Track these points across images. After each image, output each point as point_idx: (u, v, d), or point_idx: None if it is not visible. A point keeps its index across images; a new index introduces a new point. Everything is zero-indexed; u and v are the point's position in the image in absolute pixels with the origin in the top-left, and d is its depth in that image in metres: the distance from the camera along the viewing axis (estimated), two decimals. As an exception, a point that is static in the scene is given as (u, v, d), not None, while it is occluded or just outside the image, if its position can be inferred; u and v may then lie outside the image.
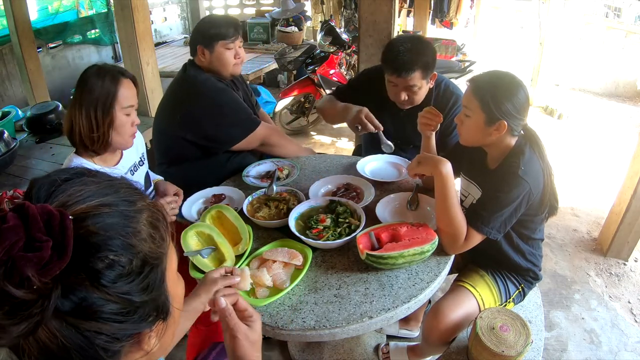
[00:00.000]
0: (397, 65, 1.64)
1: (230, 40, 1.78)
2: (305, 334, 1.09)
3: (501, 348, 1.21)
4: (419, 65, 1.64)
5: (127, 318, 0.46)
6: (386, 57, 1.69)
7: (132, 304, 0.46)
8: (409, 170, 1.40)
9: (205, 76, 1.81)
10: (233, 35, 1.79)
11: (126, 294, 0.45)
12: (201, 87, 1.79)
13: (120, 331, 0.46)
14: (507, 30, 6.94)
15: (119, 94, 1.28)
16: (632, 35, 5.24)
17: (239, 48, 1.85)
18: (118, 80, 1.29)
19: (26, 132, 2.99)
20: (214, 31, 1.77)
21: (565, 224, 2.86)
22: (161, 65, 4.40)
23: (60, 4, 5.33)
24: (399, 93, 1.72)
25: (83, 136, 1.28)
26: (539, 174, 1.26)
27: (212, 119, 1.78)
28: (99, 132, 1.28)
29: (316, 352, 1.83)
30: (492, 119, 1.23)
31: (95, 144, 1.30)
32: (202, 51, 1.80)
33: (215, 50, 1.78)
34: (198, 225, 1.30)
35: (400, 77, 1.66)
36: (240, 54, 1.85)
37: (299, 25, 5.12)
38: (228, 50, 1.80)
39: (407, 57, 1.62)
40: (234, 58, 1.82)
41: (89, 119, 1.26)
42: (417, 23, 5.65)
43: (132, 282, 0.46)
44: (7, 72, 4.52)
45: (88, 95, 1.26)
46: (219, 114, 1.79)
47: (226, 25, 1.78)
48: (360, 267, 1.26)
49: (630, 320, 2.12)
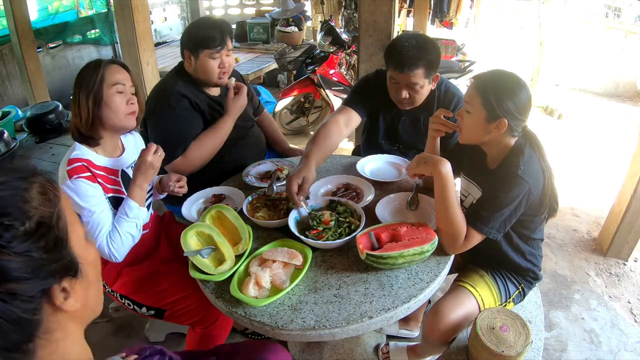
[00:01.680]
0: (400, 60, 1.61)
1: (215, 50, 1.71)
2: (305, 334, 1.09)
3: (501, 348, 1.21)
4: (422, 63, 1.61)
5: (34, 275, 0.53)
6: (390, 52, 1.66)
7: (35, 261, 0.53)
8: (408, 170, 1.39)
9: (172, 83, 1.76)
10: (219, 44, 1.71)
11: (26, 252, 0.52)
12: (156, 91, 1.81)
13: (30, 288, 0.53)
14: (507, 30, 6.94)
15: (105, 74, 1.33)
16: (632, 35, 5.23)
17: (226, 57, 1.77)
18: (102, 64, 1.34)
19: (26, 132, 2.99)
20: (199, 38, 1.71)
21: (565, 224, 2.86)
22: (161, 65, 4.39)
23: (60, 4, 5.33)
24: (400, 90, 1.68)
25: (80, 124, 1.32)
26: (539, 174, 1.26)
27: (151, 125, 1.77)
28: (90, 114, 1.32)
29: (316, 352, 1.83)
30: (493, 116, 1.23)
31: (89, 126, 1.33)
32: (189, 56, 1.75)
33: (200, 58, 1.72)
34: (198, 225, 1.31)
35: (402, 73, 1.62)
36: (226, 63, 1.77)
37: (299, 25, 5.12)
38: (212, 60, 1.73)
39: (412, 52, 1.59)
40: (219, 67, 1.75)
41: (82, 107, 1.31)
42: (417, 23, 5.64)
43: (29, 241, 0.53)
44: (7, 72, 4.53)
45: (79, 87, 1.32)
46: (154, 123, 1.76)
47: (212, 32, 1.70)
48: (360, 267, 1.26)
49: (630, 320, 2.12)
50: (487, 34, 6.85)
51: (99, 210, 1.30)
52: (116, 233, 1.31)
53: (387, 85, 1.75)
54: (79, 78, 1.34)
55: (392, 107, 1.84)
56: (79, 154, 1.32)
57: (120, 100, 1.36)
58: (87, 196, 1.28)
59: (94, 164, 1.34)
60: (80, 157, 1.31)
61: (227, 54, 1.78)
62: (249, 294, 1.14)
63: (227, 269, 1.23)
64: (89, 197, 1.28)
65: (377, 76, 1.87)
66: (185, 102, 1.75)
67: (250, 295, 1.14)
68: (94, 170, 1.32)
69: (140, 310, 1.51)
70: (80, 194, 1.27)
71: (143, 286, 1.50)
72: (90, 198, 1.28)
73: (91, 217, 1.28)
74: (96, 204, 1.30)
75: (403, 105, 1.77)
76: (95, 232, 1.29)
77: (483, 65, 4.30)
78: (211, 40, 1.70)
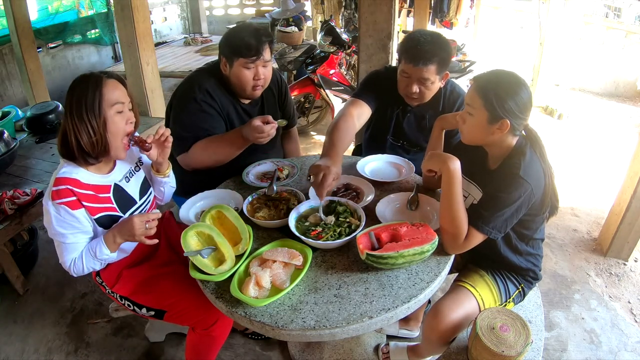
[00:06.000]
0: (416, 54, 1.62)
1: (249, 60, 1.62)
2: (305, 334, 1.09)
3: (501, 348, 1.21)
4: (436, 59, 1.63)
5: None
6: (406, 46, 1.67)
7: None
8: (422, 166, 1.39)
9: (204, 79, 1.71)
10: (255, 54, 1.61)
11: None
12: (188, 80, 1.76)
13: None
14: (507, 30, 6.93)
15: (103, 92, 1.27)
16: (632, 35, 5.23)
17: (262, 67, 1.67)
18: (101, 81, 1.28)
19: (26, 132, 2.99)
20: (235, 45, 1.62)
21: (565, 224, 2.86)
22: (161, 65, 4.40)
23: (60, 4, 5.33)
24: (411, 85, 1.69)
25: (83, 144, 1.26)
26: (540, 175, 1.26)
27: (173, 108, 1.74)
28: (96, 136, 1.27)
29: (316, 352, 1.83)
30: (495, 117, 1.23)
31: (95, 147, 1.28)
32: (225, 63, 1.69)
33: (234, 66, 1.65)
34: (198, 225, 1.30)
35: (416, 67, 1.63)
36: (262, 75, 1.67)
37: (299, 25, 5.12)
38: (247, 70, 1.64)
39: (427, 47, 1.61)
40: (254, 79, 1.67)
41: (84, 125, 1.25)
42: (417, 23, 5.64)
43: None
44: (7, 72, 4.53)
45: (77, 103, 1.25)
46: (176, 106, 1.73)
47: (249, 40, 1.60)
48: (360, 267, 1.26)
49: (630, 320, 2.12)
50: (487, 34, 6.85)
51: (72, 240, 1.29)
52: (80, 263, 1.32)
53: (398, 79, 1.76)
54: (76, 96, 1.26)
55: (399, 103, 1.85)
56: (66, 172, 1.28)
57: (121, 122, 1.32)
58: (65, 223, 1.26)
59: (81, 183, 1.29)
60: (67, 177, 1.27)
61: (264, 65, 1.67)
62: (249, 294, 1.14)
63: (227, 269, 1.23)
64: (66, 225, 1.27)
65: (386, 71, 1.89)
66: (211, 100, 1.70)
67: (250, 296, 1.14)
68: (80, 192, 1.27)
69: (141, 311, 1.50)
70: (58, 219, 1.25)
71: (143, 287, 1.50)
72: (67, 226, 1.27)
73: (63, 243, 1.29)
74: (71, 233, 1.28)
75: (412, 100, 1.78)
76: (63, 255, 1.31)
77: (483, 65, 4.30)
78: (246, 48, 1.61)
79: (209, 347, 1.56)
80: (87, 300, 2.28)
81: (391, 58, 2.56)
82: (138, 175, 1.51)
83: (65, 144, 1.29)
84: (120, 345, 2.02)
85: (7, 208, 2.09)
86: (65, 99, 1.29)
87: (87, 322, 2.14)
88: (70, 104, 1.26)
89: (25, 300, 2.28)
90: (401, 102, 1.84)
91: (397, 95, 1.81)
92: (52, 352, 1.99)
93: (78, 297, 2.30)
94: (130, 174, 1.48)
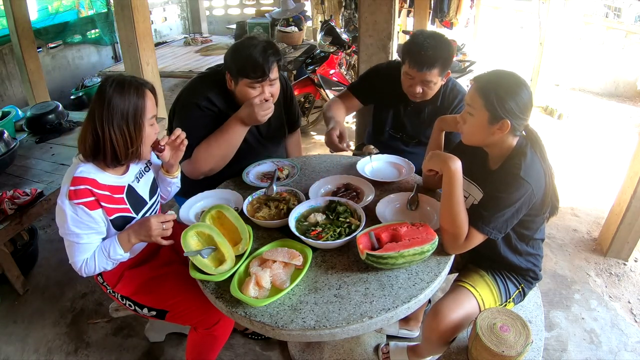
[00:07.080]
0: (419, 60, 1.67)
1: (255, 81, 1.55)
2: (305, 334, 1.09)
3: (501, 348, 1.21)
4: (439, 63, 1.68)
5: None
6: (409, 50, 1.70)
7: None
8: (423, 166, 1.39)
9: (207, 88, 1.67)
10: (261, 76, 1.54)
11: None
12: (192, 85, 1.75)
13: None
14: (507, 30, 6.93)
15: (145, 105, 1.29)
16: (632, 35, 5.23)
17: (269, 86, 1.59)
18: (143, 93, 1.29)
19: (26, 132, 2.98)
20: (240, 64, 1.54)
21: (565, 224, 2.86)
22: (161, 65, 4.40)
23: (60, 4, 5.33)
24: (415, 86, 1.75)
25: (118, 152, 1.27)
26: (541, 175, 1.26)
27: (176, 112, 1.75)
28: (133, 147, 1.28)
29: (316, 352, 1.83)
30: (496, 117, 1.23)
31: (130, 156, 1.31)
32: (230, 78, 1.63)
33: (239, 85, 1.59)
34: (198, 225, 1.31)
35: (420, 72, 1.69)
36: (268, 93, 1.59)
37: (299, 25, 5.12)
38: (252, 90, 1.58)
39: (431, 52, 1.66)
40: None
41: (122, 135, 1.25)
42: (417, 23, 5.63)
43: None
44: (7, 72, 4.53)
45: (115, 111, 1.24)
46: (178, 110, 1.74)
47: (255, 60, 1.51)
48: (360, 267, 1.26)
49: (630, 320, 2.12)
50: (487, 34, 6.85)
51: (86, 240, 1.29)
52: (93, 263, 1.32)
53: (401, 78, 1.81)
54: (115, 102, 1.23)
55: (401, 98, 1.89)
56: (84, 172, 1.27)
57: (152, 133, 1.35)
58: (82, 223, 1.26)
59: (98, 183, 1.29)
60: (86, 177, 1.26)
61: (271, 84, 1.61)
62: (249, 294, 1.14)
63: (228, 269, 1.23)
64: (82, 225, 1.27)
65: (389, 66, 1.94)
66: (212, 107, 1.67)
67: (250, 296, 1.14)
68: (98, 192, 1.27)
69: (142, 311, 1.50)
70: (74, 219, 1.25)
71: (145, 287, 1.50)
72: (83, 226, 1.27)
73: (76, 243, 1.28)
74: (86, 234, 1.28)
75: (415, 98, 1.83)
76: (75, 255, 1.30)
77: (483, 65, 4.30)
78: (252, 70, 1.53)
79: (211, 347, 1.56)
80: (87, 300, 2.28)
81: (391, 58, 2.57)
82: (147, 176, 1.52)
83: (95, 147, 1.27)
84: (120, 345, 2.02)
85: (7, 208, 2.09)
86: (93, 100, 1.28)
87: (87, 322, 2.14)
88: (106, 110, 1.24)
89: (25, 300, 2.29)
90: (402, 97, 1.88)
91: (398, 90, 1.85)
92: (52, 352, 1.99)
93: (78, 297, 2.30)
94: (141, 174, 1.48)
